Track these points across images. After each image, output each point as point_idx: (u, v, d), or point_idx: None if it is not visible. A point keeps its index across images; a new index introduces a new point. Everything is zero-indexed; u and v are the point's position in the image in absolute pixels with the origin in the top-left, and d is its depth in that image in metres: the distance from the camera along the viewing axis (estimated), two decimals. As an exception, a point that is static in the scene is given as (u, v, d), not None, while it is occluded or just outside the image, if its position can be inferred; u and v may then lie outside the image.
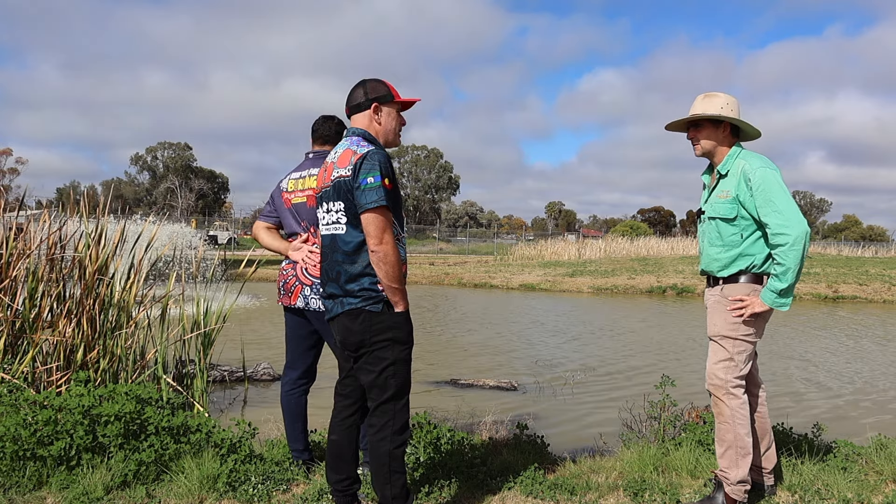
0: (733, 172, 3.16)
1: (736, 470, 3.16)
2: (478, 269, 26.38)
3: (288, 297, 3.55)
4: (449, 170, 79.20)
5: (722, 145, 3.23)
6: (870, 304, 18.13)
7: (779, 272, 3.00)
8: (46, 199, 38.15)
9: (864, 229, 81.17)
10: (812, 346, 10.59)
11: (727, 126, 3.22)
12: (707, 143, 3.24)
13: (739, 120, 3.18)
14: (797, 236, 2.95)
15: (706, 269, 3.34)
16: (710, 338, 3.25)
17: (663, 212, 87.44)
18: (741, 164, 3.14)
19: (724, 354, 3.17)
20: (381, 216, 2.67)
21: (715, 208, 3.21)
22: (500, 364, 8.61)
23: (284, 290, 3.57)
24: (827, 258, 29.36)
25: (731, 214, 3.15)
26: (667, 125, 3.38)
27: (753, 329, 3.16)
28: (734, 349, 3.15)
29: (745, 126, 3.22)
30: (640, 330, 12.33)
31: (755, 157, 3.14)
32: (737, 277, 3.17)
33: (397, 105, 2.92)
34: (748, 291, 3.14)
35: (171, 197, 65.77)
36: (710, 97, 3.22)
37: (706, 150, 3.26)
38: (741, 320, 3.13)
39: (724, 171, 3.21)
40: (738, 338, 3.15)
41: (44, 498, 3.22)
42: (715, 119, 3.19)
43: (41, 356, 4.43)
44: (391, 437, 2.78)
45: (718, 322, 3.20)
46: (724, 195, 3.17)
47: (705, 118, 3.20)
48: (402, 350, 2.79)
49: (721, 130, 3.21)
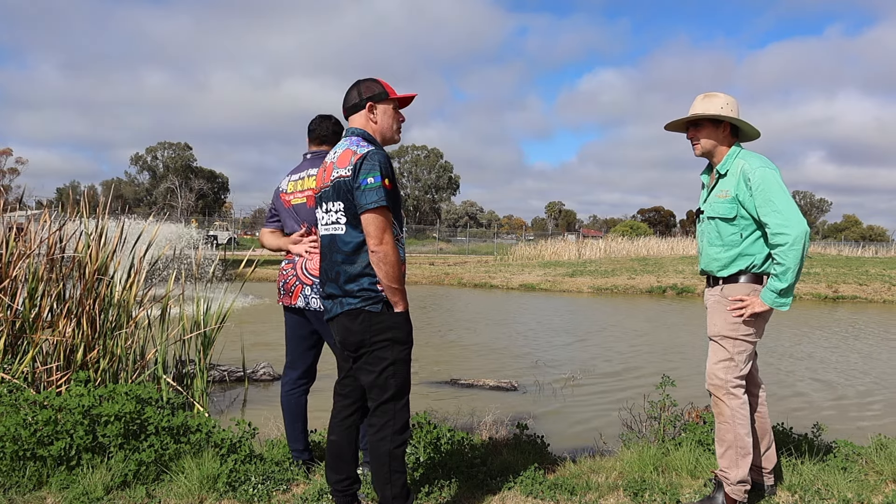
0: (732, 172, 3.16)
1: (736, 470, 3.16)
2: (478, 269, 26.39)
3: (288, 296, 3.54)
4: (449, 170, 79.23)
5: (721, 145, 3.23)
6: (870, 304, 18.13)
7: (778, 272, 3.00)
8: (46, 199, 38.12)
9: (864, 229, 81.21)
10: (811, 346, 10.59)
11: (727, 126, 3.22)
12: (707, 142, 3.24)
13: (739, 120, 3.18)
14: (797, 236, 2.95)
15: (706, 269, 3.34)
16: (710, 338, 3.25)
17: (663, 212, 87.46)
18: (741, 163, 3.14)
19: (724, 354, 3.17)
20: (382, 216, 2.67)
21: (714, 208, 3.21)
22: (500, 364, 8.61)
23: (284, 289, 3.57)
24: (827, 258, 29.37)
25: (730, 214, 3.15)
26: (666, 125, 3.39)
27: (753, 329, 3.15)
28: (734, 349, 3.15)
29: (745, 126, 3.22)
30: (640, 330, 12.33)
31: (755, 157, 3.14)
32: (737, 277, 3.17)
33: (393, 102, 2.91)
34: (748, 291, 3.14)
35: (171, 197, 65.78)
36: (709, 97, 3.23)
37: (706, 149, 3.26)
38: (741, 320, 3.13)
39: (723, 171, 3.21)
40: (739, 338, 3.14)
41: (44, 498, 3.22)
42: (715, 119, 3.19)
43: (41, 356, 4.42)
44: (391, 436, 2.78)
45: (718, 322, 3.20)
46: (724, 195, 3.17)
47: (705, 118, 3.21)
48: (401, 350, 2.79)
49: (721, 130, 3.22)
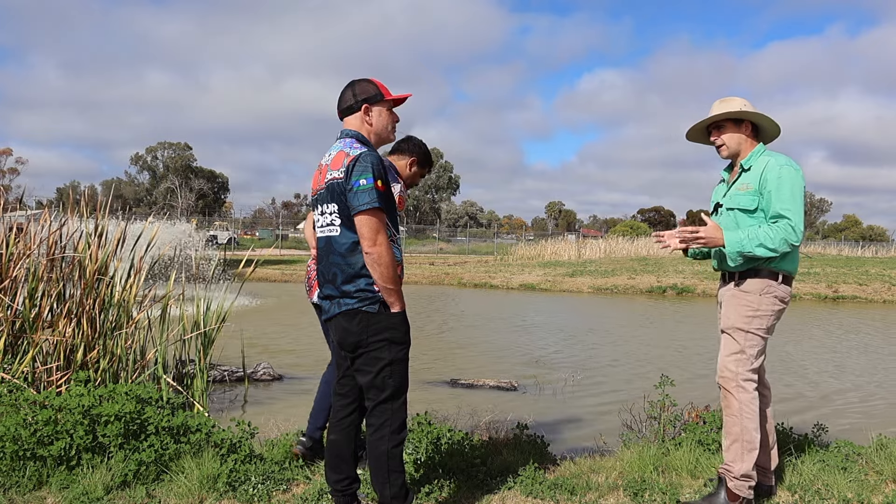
0: (756, 167, 3.21)
1: (740, 464, 3.15)
2: (478, 269, 26.38)
3: (311, 292, 3.72)
4: (449, 170, 79.21)
5: (747, 143, 3.29)
6: (870, 304, 18.13)
7: (759, 240, 3.05)
8: (46, 199, 38.16)
9: (864, 229, 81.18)
10: (811, 345, 10.59)
11: (748, 125, 3.28)
12: (731, 140, 3.30)
13: (759, 114, 3.25)
14: (795, 241, 3.06)
15: (721, 266, 3.35)
16: (723, 330, 3.27)
17: (663, 212, 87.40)
18: (766, 159, 3.21)
19: (735, 347, 3.19)
20: (375, 218, 2.68)
21: (735, 199, 3.26)
22: (500, 364, 8.61)
23: (308, 285, 3.76)
24: (827, 258, 29.36)
25: (751, 206, 3.19)
26: (688, 133, 3.48)
27: (766, 325, 3.19)
28: (745, 342, 3.17)
29: (766, 122, 3.28)
30: (640, 330, 12.33)
31: (780, 156, 3.22)
32: (753, 272, 3.19)
33: (388, 103, 2.92)
34: (763, 287, 3.17)
35: (171, 197, 65.79)
36: (727, 101, 3.31)
37: (732, 148, 3.32)
38: (748, 311, 3.16)
39: (747, 166, 3.27)
40: (751, 331, 3.17)
41: (44, 498, 3.22)
42: (736, 119, 3.26)
43: (41, 356, 4.42)
44: (389, 436, 2.79)
45: (732, 315, 3.22)
46: (745, 187, 3.22)
47: (727, 117, 3.27)
48: (399, 350, 2.80)
49: (743, 129, 3.28)
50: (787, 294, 3.21)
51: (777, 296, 3.18)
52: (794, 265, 3.23)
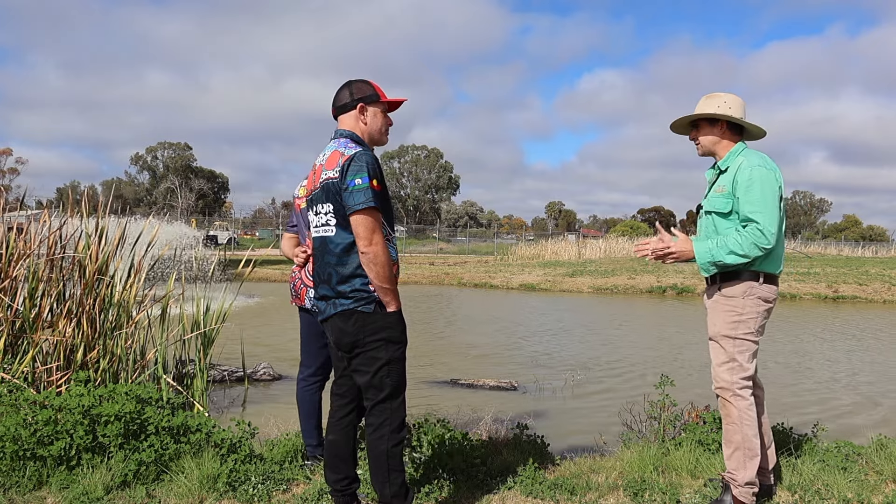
0: (731, 169, 3.17)
1: (744, 471, 3.14)
2: (478, 269, 26.38)
3: (297, 298, 3.74)
4: (449, 170, 79.23)
5: (722, 143, 3.24)
6: (870, 304, 18.13)
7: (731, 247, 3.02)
8: (46, 199, 38.10)
9: (864, 229, 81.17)
10: (811, 345, 10.60)
11: (724, 124, 3.23)
12: (706, 140, 3.26)
13: (733, 117, 3.19)
14: (766, 244, 2.99)
15: (702, 271, 3.33)
16: (711, 338, 3.23)
17: (663, 212, 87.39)
18: (740, 160, 3.15)
19: (725, 356, 3.15)
20: (370, 217, 2.68)
21: (712, 202, 3.23)
22: (500, 364, 8.61)
23: (294, 291, 3.77)
24: (827, 258, 29.37)
25: (725, 209, 3.15)
26: (672, 126, 3.43)
27: (753, 328, 3.14)
28: (735, 349, 3.13)
29: (745, 124, 3.23)
30: (640, 330, 12.33)
31: (755, 155, 3.15)
32: (734, 274, 3.16)
33: (383, 105, 2.93)
34: (745, 289, 3.13)
35: (171, 197, 65.79)
36: (710, 98, 3.25)
37: (706, 148, 3.28)
38: (733, 316, 3.12)
39: (724, 167, 3.23)
40: (739, 337, 3.12)
41: (44, 498, 3.22)
42: (712, 118, 3.21)
43: (41, 356, 4.43)
44: (389, 435, 2.79)
45: (718, 322, 3.19)
46: (721, 190, 3.18)
47: (700, 118, 3.24)
48: (396, 349, 2.80)
49: (718, 129, 3.23)
50: (771, 293, 3.15)
51: (760, 296, 3.12)
52: (775, 265, 3.15)
